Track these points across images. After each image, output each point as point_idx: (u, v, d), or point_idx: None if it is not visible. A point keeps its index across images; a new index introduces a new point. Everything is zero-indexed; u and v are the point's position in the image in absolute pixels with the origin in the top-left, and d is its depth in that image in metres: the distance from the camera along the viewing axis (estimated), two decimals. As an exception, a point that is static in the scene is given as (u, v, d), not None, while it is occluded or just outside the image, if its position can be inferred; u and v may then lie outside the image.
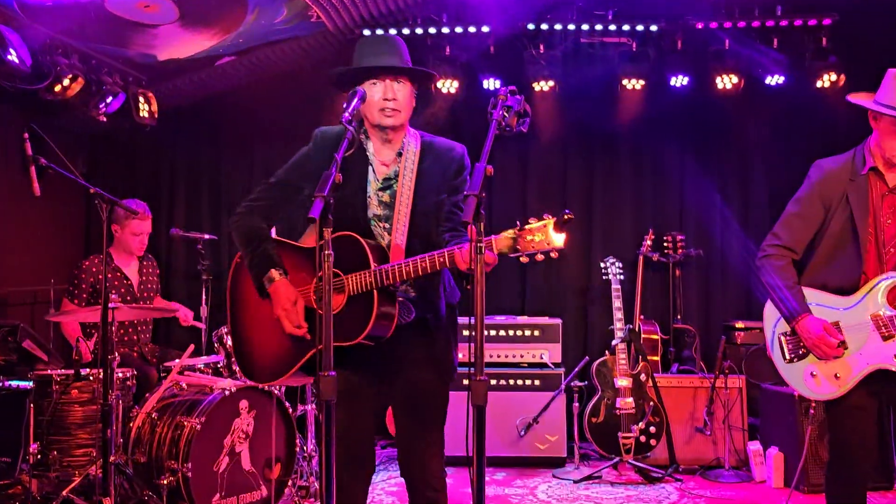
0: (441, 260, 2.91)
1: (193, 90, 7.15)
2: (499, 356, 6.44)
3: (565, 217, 2.69)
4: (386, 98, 3.12)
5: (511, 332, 6.48)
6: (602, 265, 6.62)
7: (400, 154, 3.20)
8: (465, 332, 2.73)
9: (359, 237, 3.06)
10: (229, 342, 5.38)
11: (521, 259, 2.74)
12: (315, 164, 3.18)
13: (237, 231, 3.28)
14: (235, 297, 3.41)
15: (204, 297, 6.10)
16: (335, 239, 3.09)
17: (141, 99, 6.53)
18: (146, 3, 5.53)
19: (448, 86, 6.78)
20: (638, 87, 6.73)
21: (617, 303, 6.29)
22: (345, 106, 2.97)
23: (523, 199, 7.30)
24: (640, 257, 6.82)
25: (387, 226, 3.17)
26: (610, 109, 7.04)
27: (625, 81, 6.72)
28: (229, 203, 7.58)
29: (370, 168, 3.20)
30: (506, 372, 6.34)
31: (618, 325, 6.23)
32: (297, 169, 3.25)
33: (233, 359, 5.36)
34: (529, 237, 2.73)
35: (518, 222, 2.77)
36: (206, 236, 6.38)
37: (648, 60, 6.64)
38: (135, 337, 5.82)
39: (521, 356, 6.46)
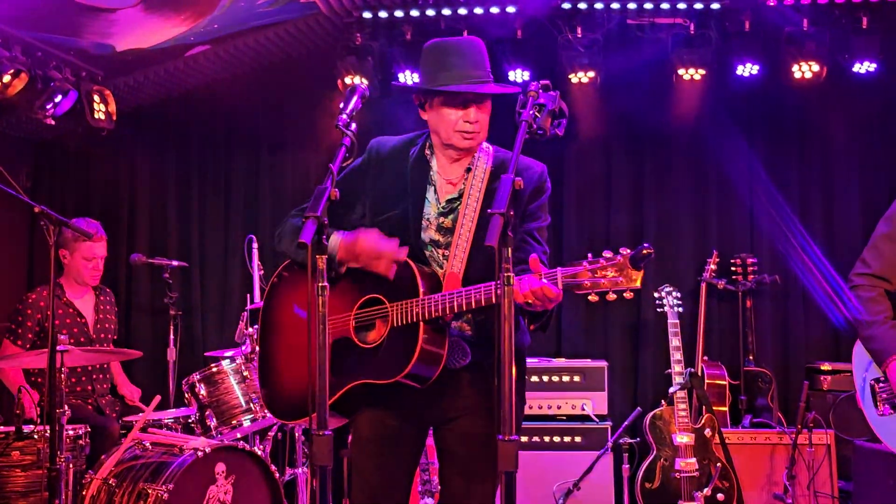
0: (499, 293, 2.97)
1: (159, 87, 7.20)
2: (531, 407, 6.41)
3: (644, 252, 2.76)
4: (467, 120, 3.26)
5: (546, 378, 6.45)
6: (656, 295, 6.58)
7: (468, 170, 3.34)
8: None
9: (409, 260, 3.19)
10: (202, 391, 5.38)
11: (589, 298, 2.83)
12: (370, 180, 3.35)
13: (283, 237, 3.41)
14: (269, 320, 3.52)
15: (172, 337, 6.10)
16: (373, 249, 3.21)
17: (96, 98, 6.58)
18: (102, -17, 5.60)
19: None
20: (696, 77, 6.72)
21: (675, 341, 6.24)
22: (342, 106, 2.99)
23: (559, 215, 7.29)
24: (703, 285, 6.77)
25: (445, 252, 3.30)
26: (662, 105, 7.03)
27: (680, 71, 6.71)
28: (203, 223, 7.63)
29: (431, 187, 3.35)
30: (540, 427, 6.30)
31: (676, 368, 6.18)
32: (351, 183, 3.38)
33: (207, 411, 5.36)
34: (602, 273, 2.80)
35: (589, 255, 2.85)
36: (175, 263, 6.40)
37: (709, 45, 6.63)
38: (89, 387, 5.82)
39: (559, 407, 6.43)
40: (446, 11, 6.60)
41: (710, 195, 7.28)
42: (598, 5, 6.57)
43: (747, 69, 6.71)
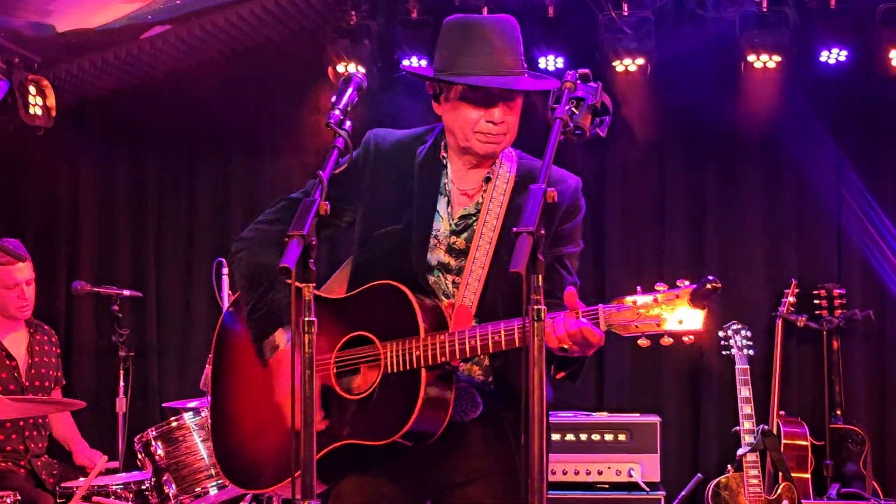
0: (520, 335, 2.91)
1: (109, 76, 7.24)
2: (565, 472, 6.40)
3: (709, 286, 2.73)
4: (491, 121, 3.20)
5: (584, 437, 6.45)
6: (721, 334, 6.57)
7: (488, 180, 3.30)
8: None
9: (405, 289, 3.13)
10: (159, 451, 5.39)
11: (639, 343, 2.81)
12: (366, 180, 3.31)
13: (238, 267, 3.38)
14: (224, 362, 3.47)
15: (122, 383, 6.11)
16: (371, 290, 3.18)
17: (31, 89, 6.64)
18: (40, -50, 5.66)
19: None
20: (771, 64, 6.73)
21: (744, 391, 6.23)
22: (333, 100, 3.00)
23: (599, 236, 7.31)
24: (779, 322, 6.76)
25: (455, 279, 3.26)
26: (728, 99, 7.05)
27: (751, 57, 6.72)
28: (161, 244, 7.67)
29: (444, 198, 3.30)
30: (576, 497, 6.29)
31: (746, 425, 6.16)
32: (340, 182, 3.28)
33: (165, 476, 5.36)
34: (655, 311, 2.78)
35: (639, 288, 2.83)
36: (126, 293, 6.42)
37: (786, 26, 6.64)
38: (21, 446, 5.83)
39: (600, 473, 6.41)
40: (461, -16, 6.65)
41: (788, 211, 7.28)
42: (649, -24, 6.62)
43: (833, 55, 6.72)
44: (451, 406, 3.12)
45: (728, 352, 6.47)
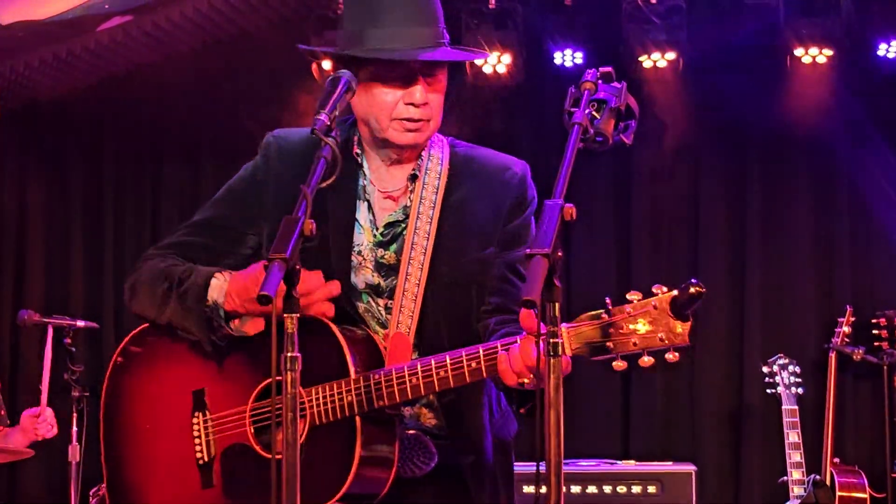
0: (473, 366, 2.86)
1: (61, 74, 7.25)
2: (586, 529, 6.40)
3: (692, 290, 2.60)
4: (412, 103, 3.09)
5: (608, 489, 6.44)
6: (765, 370, 6.56)
7: (415, 177, 3.21)
8: (529, 489, 2.71)
9: (329, 323, 3.02)
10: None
11: (613, 365, 2.68)
12: (269, 194, 3.21)
13: (141, 280, 3.27)
14: (118, 423, 3.35)
15: (75, 429, 6.10)
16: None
17: (-29, 90, 6.66)
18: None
19: (495, 62, 6.84)
20: (821, 59, 6.74)
21: (792, 435, 6.21)
22: (319, 102, 2.98)
23: (625, 251, 7.31)
24: (832, 355, 6.75)
25: (388, 303, 3.16)
26: (772, 99, 7.07)
27: (798, 51, 6.74)
28: (120, 267, 7.64)
29: (363, 204, 3.20)
30: (599, 558, 6.30)
31: (794, 474, 6.15)
32: (237, 201, 3.26)
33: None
34: (630, 326, 2.69)
35: (607, 300, 2.71)
36: (81, 323, 6.41)
37: (838, 14, 6.65)
38: (-44, 498, 5.84)
39: (627, 529, 6.43)
40: (466, -32, 6.68)
41: (842, 227, 7.29)
42: (681, -41, 6.63)
43: (893, 48, 6.73)
44: (397, 460, 3.02)
45: (773, 390, 6.45)
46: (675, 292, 2.63)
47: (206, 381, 3.21)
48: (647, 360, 2.66)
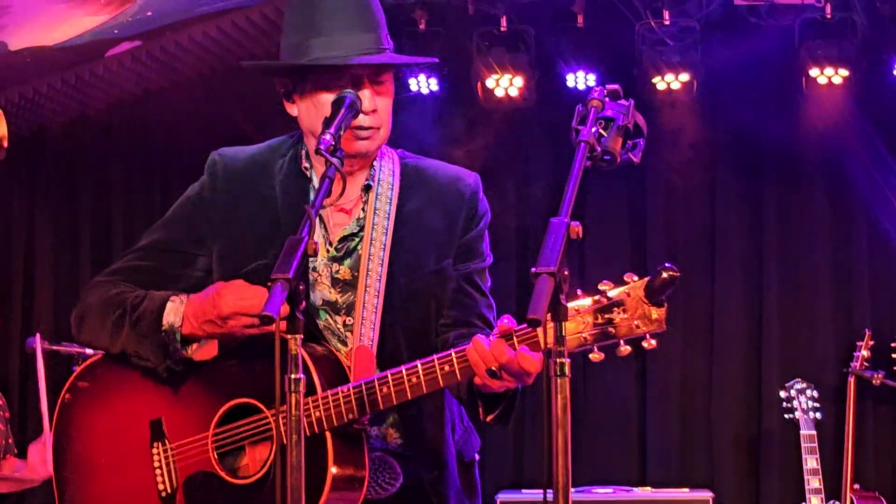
0: (447, 370, 2.85)
1: (70, 100, 7.27)
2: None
3: (665, 275, 2.60)
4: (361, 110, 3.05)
5: (623, 517, 6.42)
6: (782, 394, 6.53)
7: (368, 187, 3.20)
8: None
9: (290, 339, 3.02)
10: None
11: (591, 356, 2.68)
12: (217, 213, 3.21)
13: (90, 309, 3.22)
14: (69, 457, 3.29)
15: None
16: (247, 345, 3.03)
17: (-20, 116, 6.68)
18: (-11, -46, 5.70)
19: (506, 85, 6.84)
20: (836, 80, 6.73)
21: (811, 461, 6.18)
22: (324, 122, 2.97)
23: (641, 275, 7.28)
24: (851, 379, 6.71)
25: (347, 320, 3.15)
26: (788, 120, 7.06)
27: (813, 71, 6.72)
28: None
29: (315, 218, 3.06)
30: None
31: (813, 501, 6.11)
32: (184, 222, 3.26)
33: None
34: (605, 315, 2.69)
35: (579, 291, 2.70)
36: (89, 351, 6.41)
37: (853, 34, 6.64)
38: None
39: (643, 559, 6.40)
40: (478, -11, 6.68)
41: (860, 250, 7.27)
42: (694, -21, 6.64)
43: (909, 68, 6.73)
44: (367, 478, 3.00)
45: (791, 415, 6.42)
46: (648, 278, 2.64)
47: (163, 410, 3.18)
48: (623, 350, 2.66)
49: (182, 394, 3.16)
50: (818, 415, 6.40)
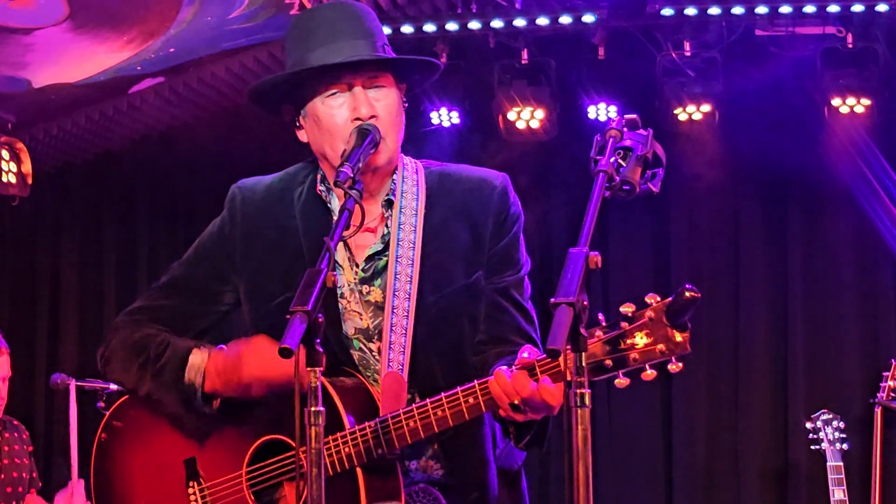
0: (471, 402, 2.81)
1: (94, 137, 7.31)
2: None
3: (687, 295, 2.58)
4: (357, 117, 3.02)
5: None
6: (809, 425, 6.49)
7: (390, 202, 3.13)
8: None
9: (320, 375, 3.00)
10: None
11: (616, 382, 2.63)
12: (238, 247, 3.19)
13: (114, 353, 3.23)
14: (109, 497, 3.29)
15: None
16: (270, 380, 3.00)
17: (4, 154, 6.71)
18: (13, -7, 5.74)
19: (528, 117, 6.87)
20: (859, 109, 6.72)
21: (838, 493, 6.14)
22: (343, 154, 2.96)
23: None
24: (878, 410, 6.67)
25: (380, 346, 3.07)
26: (811, 150, 7.04)
27: (835, 101, 6.71)
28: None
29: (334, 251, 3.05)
30: None
31: (841, 532, 6.08)
32: (206, 259, 3.25)
33: None
34: (628, 341, 2.64)
35: (600, 316, 2.66)
36: (114, 387, 6.43)
37: (875, 63, 6.64)
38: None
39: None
40: (497, 24, 6.69)
41: (886, 280, 7.25)
42: (714, 10, 6.61)
43: (932, 97, 6.71)
44: None
45: (818, 446, 6.38)
46: (669, 299, 2.61)
47: (197, 449, 3.17)
48: (649, 374, 2.62)
49: (213, 432, 3.15)
50: (845, 446, 6.35)
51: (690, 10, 6.60)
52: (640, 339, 2.64)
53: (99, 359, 3.28)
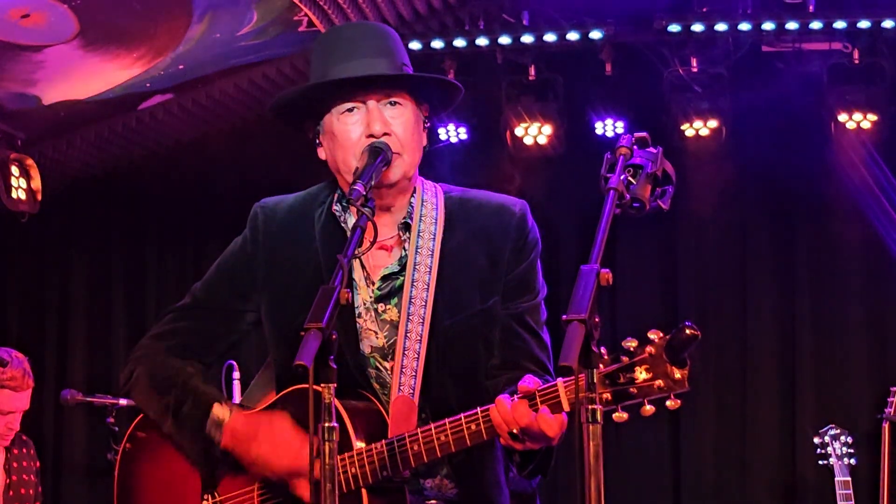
0: (473, 429, 2.82)
1: (103, 153, 7.32)
2: None
3: (687, 332, 2.57)
4: (372, 133, 3.03)
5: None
6: (816, 441, 6.48)
7: (407, 225, 3.14)
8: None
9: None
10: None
11: (614, 416, 2.64)
12: (260, 266, 3.18)
13: (138, 385, 3.26)
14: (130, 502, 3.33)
15: (117, 507, 6.11)
16: (284, 400, 3.04)
17: (14, 170, 6.71)
18: (24, 11, 5.74)
19: (535, 133, 6.89)
20: (865, 124, 6.72)
21: (846, 508, 6.14)
22: (355, 172, 2.97)
23: (671, 324, 7.24)
24: (885, 426, 6.65)
25: (391, 365, 3.08)
26: (818, 166, 7.06)
27: (842, 116, 6.72)
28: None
29: (355, 261, 3.06)
30: None
31: (849, 548, 6.07)
32: (228, 279, 3.25)
33: None
34: (627, 375, 2.66)
35: (602, 350, 2.61)
36: (123, 402, 6.43)
37: (882, 79, 6.64)
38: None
39: None
40: (504, 40, 6.71)
41: (894, 295, 7.25)
42: (721, 26, 6.62)
43: (938, 112, 6.72)
44: None
45: (825, 461, 6.37)
46: (669, 336, 2.62)
47: (213, 462, 3.19)
48: (648, 410, 2.63)
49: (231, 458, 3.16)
50: (853, 461, 6.34)
51: (697, 27, 6.63)
52: (640, 374, 2.65)
53: (122, 384, 3.31)
